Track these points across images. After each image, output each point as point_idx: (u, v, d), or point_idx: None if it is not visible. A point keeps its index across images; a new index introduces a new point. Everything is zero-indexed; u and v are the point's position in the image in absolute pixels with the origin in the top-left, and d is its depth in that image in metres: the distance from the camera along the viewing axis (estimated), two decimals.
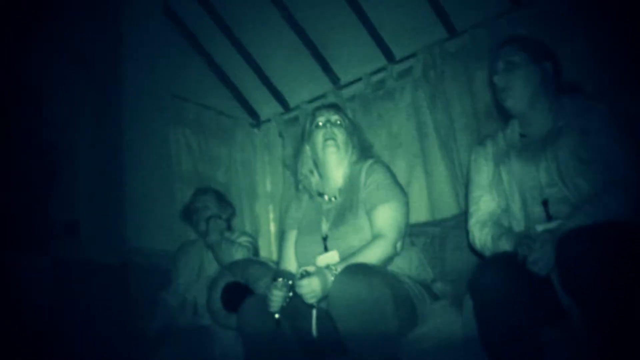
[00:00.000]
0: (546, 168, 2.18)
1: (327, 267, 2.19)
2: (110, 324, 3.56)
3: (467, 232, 2.43)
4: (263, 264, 2.99)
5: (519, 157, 2.29)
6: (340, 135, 2.56)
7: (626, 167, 2.06)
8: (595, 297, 1.77)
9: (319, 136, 2.56)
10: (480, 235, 2.32)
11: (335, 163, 2.57)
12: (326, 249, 2.43)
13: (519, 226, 2.23)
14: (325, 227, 2.50)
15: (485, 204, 2.37)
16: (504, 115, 2.44)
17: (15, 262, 2.97)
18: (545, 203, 2.15)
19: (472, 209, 2.40)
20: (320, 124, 2.58)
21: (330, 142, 2.54)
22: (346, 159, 2.58)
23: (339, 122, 2.59)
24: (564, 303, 1.96)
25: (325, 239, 2.46)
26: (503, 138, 2.42)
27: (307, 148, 2.63)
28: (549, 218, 2.12)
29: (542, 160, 2.20)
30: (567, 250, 1.83)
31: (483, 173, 2.41)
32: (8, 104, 3.15)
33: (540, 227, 2.08)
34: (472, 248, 2.45)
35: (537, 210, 2.18)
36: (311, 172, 2.64)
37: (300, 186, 2.68)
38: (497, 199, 2.34)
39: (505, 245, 2.17)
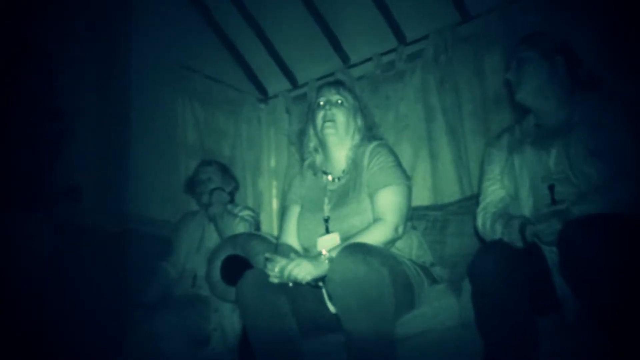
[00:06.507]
0: (557, 156, 2.20)
1: (319, 253, 2.22)
2: (109, 290, 3.59)
3: (474, 219, 2.47)
4: (264, 239, 3.00)
5: (532, 145, 2.32)
6: (340, 116, 2.53)
7: (635, 161, 2.06)
8: (595, 286, 1.78)
9: (319, 117, 2.55)
10: (484, 220, 2.34)
11: (335, 144, 2.56)
12: (327, 231, 2.44)
13: (526, 211, 2.25)
14: (327, 207, 2.50)
15: (493, 193, 2.40)
16: (521, 109, 2.47)
17: (18, 223, 2.99)
18: (551, 188, 2.17)
19: (480, 197, 2.45)
20: (321, 103, 2.57)
21: (328, 124, 2.52)
22: (347, 139, 2.57)
23: (339, 102, 2.55)
24: (560, 294, 1.97)
25: (327, 220, 2.47)
26: (519, 129, 2.45)
27: (311, 126, 2.62)
28: (554, 202, 2.13)
29: (553, 148, 2.22)
30: (572, 237, 1.83)
31: (495, 164, 2.45)
32: (20, 69, 3.15)
33: (545, 211, 2.10)
34: (477, 235, 2.49)
35: (545, 194, 2.19)
36: (316, 150, 2.64)
37: (306, 163, 2.68)
38: (507, 186, 2.36)
39: (499, 230, 2.19)
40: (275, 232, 4.26)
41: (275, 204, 4.98)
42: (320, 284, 2.23)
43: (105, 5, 4.05)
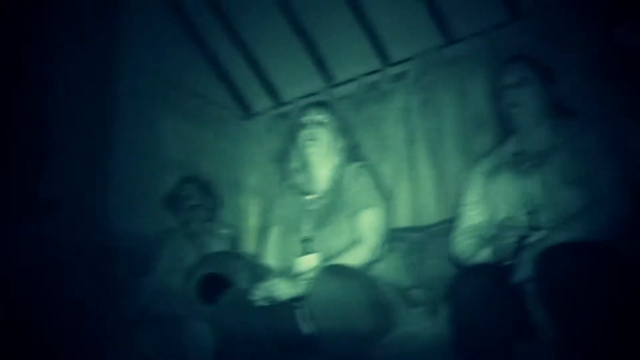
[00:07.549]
0: (535, 183, 2.21)
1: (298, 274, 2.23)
2: (89, 305, 3.55)
3: (449, 244, 2.46)
4: (242, 257, 2.98)
5: (509, 171, 2.32)
6: (322, 135, 2.56)
7: (613, 187, 2.08)
8: (571, 313, 1.78)
9: (302, 136, 2.57)
10: (461, 246, 2.35)
11: (317, 163, 2.58)
12: (307, 251, 2.44)
13: None
14: (307, 228, 2.50)
15: (470, 218, 2.42)
16: (504, 128, 2.46)
17: None
18: (531, 214, 2.17)
19: (457, 222, 2.46)
20: (304, 123, 2.59)
21: (310, 143, 2.54)
22: (329, 159, 2.58)
23: (322, 122, 2.58)
24: (537, 319, 1.97)
25: (306, 241, 2.47)
26: (499, 155, 2.45)
27: (294, 146, 2.63)
28: (534, 228, 2.13)
29: (532, 175, 2.23)
30: (548, 266, 1.84)
31: (473, 189, 2.45)
32: (9, 83, 3.15)
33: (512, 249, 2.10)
34: (452, 259, 2.47)
35: (523, 221, 2.19)
36: (297, 170, 2.64)
37: (287, 184, 2.68)
38: (484, 212, 2.36)
39: (483, 254, 2.19)
40: (254, 250, 4.25)
41: (255, 222, 4.95)
42: (297, 304, 2.22)
43: (92, 20, 4.04)
